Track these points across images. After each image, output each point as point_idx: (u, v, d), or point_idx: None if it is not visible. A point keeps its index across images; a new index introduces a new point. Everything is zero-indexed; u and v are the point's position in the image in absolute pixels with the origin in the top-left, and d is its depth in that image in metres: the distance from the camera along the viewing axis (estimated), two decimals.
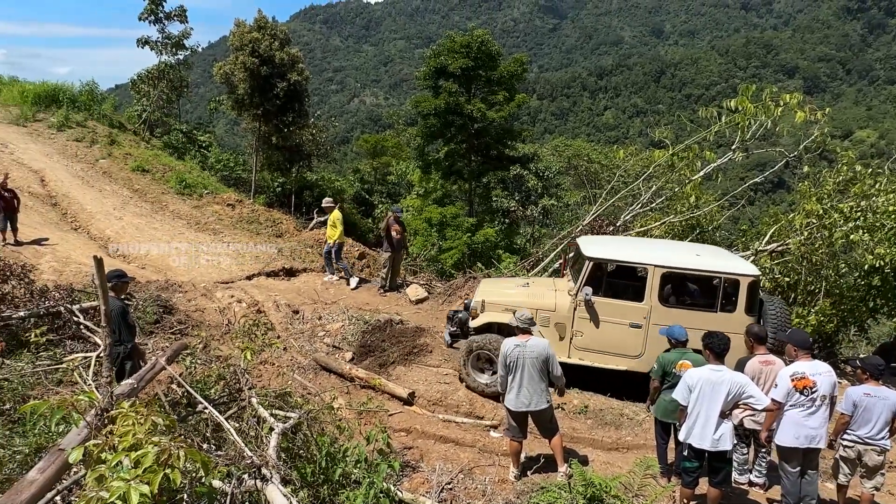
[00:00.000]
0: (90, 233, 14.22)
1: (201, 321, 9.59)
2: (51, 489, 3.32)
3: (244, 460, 3.72)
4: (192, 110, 33.09)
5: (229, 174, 23.50)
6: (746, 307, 7.15)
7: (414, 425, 7.15)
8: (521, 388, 5.61)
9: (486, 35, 22.73)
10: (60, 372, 6.91)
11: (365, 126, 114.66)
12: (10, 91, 22.16)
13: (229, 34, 21.73)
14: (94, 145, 19.39)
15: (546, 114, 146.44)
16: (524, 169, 24.66)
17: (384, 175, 32.37)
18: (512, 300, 8.05)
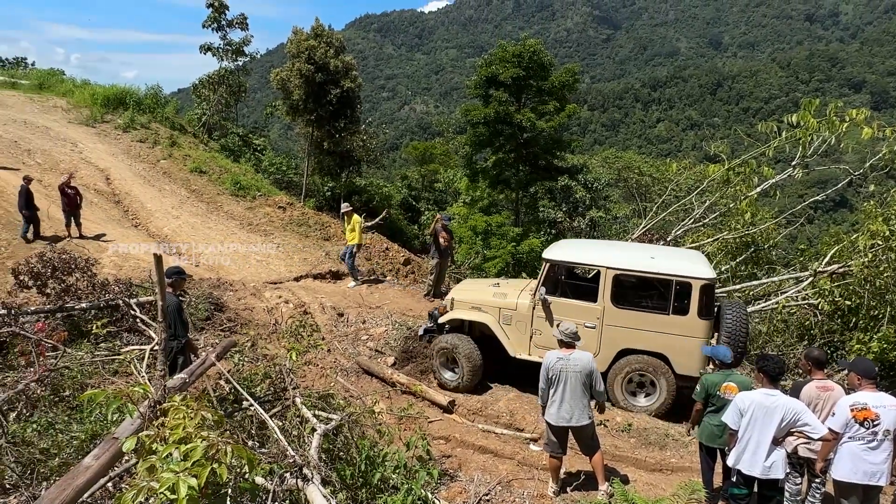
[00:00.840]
0: (149, 230, 14.80)
1: (250, 320, 9.84)
2: (104, 475, 3.46)
3: (286, 459, 3.79)
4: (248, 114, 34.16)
5: (281, 177, 24.09)
6: (699, 311, 7.09)
7: (453, 434, 7.13)
8: (563, 403, 5.52)
9: (539, 45, 22.62)
10: (116, 363, 7.21)
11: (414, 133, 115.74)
12: (81, 93, 23.34)
13: (287, 41, 22.35)
14: (156, 146, 20.20)
15: (596, 125, 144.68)
16: (572, 180, 24.38)
17: (431, 182, 32.57)
18: (477, 298, 8.43)
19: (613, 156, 33.15)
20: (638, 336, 7.43)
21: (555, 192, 24.73)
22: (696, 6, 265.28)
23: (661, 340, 7.33)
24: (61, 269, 8.06)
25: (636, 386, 7.71)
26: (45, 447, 4.58)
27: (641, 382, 7.66)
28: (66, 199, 12.57)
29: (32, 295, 8.40)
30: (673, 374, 7.35)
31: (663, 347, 7.32)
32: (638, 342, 7.45)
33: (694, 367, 7.14)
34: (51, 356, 6.47)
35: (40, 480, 4.24)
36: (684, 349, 7.01)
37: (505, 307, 8.16)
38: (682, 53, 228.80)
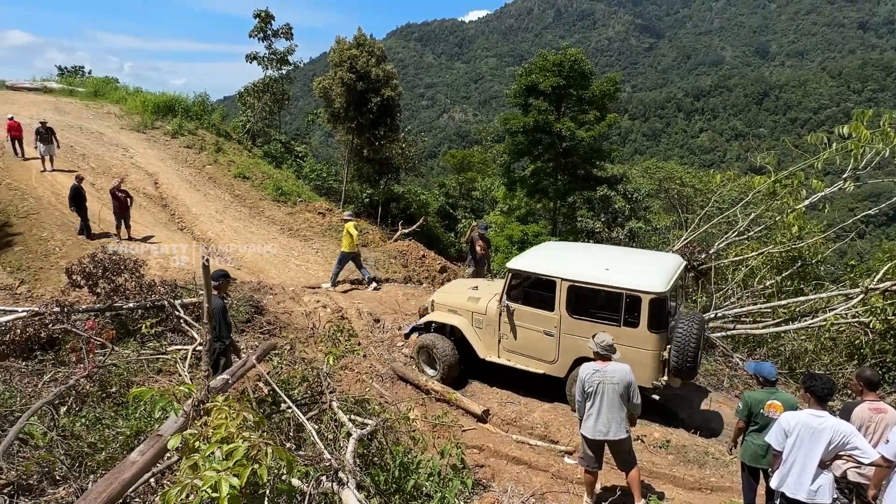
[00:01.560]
0: (194, 233, 15.23)
1: (288, 323, 10.00)
2: (148, 471, 3.56)
3: (323, 462, 3.83)
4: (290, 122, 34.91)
5: (321, 184, 24.50)
6: (648, 323, 7.06)
7: (487, 443, 7.09)
8: (600, 416, 5.43)
9: (580, 54, 22.51)
10: (160, 361, 7.43)
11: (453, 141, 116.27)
12: (133, 101, 24.24)
13: (329, 50, 22.80)
14: (203, 152, 20.80)
15: (637, 134, 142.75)
16: (612, 190, 24.11)
17: (469, 190, 32.65)
18: (454, 302, 8.83)
19: (654, 166, 32.64)
20: None
21: (593, 202, 24.50)
22: (743, 14, 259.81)
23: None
24: (111, 270, 8.36)
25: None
26: (92, 441, 4.74)
27: None
28: (116, 203, 13.08)
29: (84, 294, 8.73)
30: None
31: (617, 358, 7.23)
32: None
33: (647, 379, 7.13)
34: (99, 353, 6.70)
35: (87, 473, 4.39)
36: (636, 360, 6.89)
37: (476, 311, 8.48)
38: (726, 62, 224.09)
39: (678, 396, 8.31)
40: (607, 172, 23.97)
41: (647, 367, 7.11)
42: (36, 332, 7.25)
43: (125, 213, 13.27)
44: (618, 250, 9.93)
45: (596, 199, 24.24)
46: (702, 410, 8.28)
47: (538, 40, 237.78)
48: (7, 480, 4.17)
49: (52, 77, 30.43)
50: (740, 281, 11.81)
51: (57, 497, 4.19)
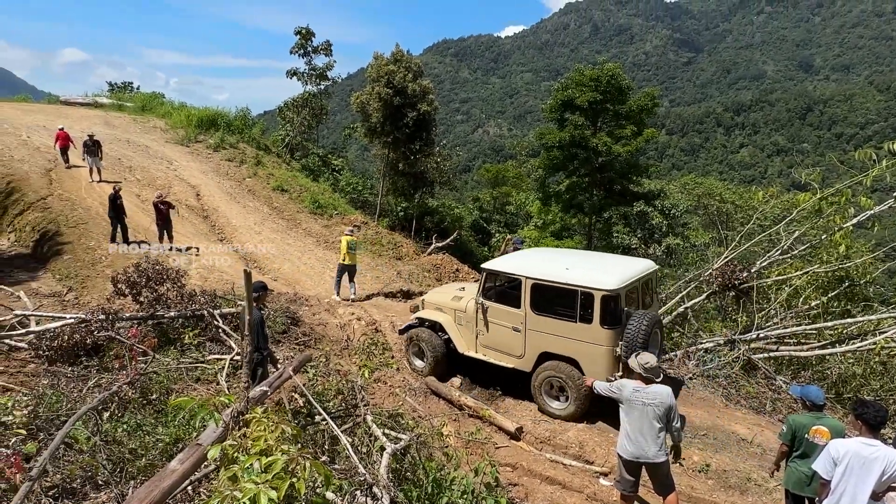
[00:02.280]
0: (232, 244, 15.55)
1: (323, 335, 10.10)
2: (187, 479, 3.62)
3: (357, 476, 3.83)
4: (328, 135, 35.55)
5: (357, 197, 24.79)
6: (601, 319, 7.47)
7: (520, 462, 6.99)
8: (638, 436, 5.31)
9: (617, 68, 22.37)
10: (199, 370, 7.57)
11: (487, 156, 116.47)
12: (178, 115, 25.02)
13: (367, 66, 23.15)
14: (243, 165, 21.30)
15: (675, 149, 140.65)
16: (649, 205, 23.75)
17: (503, 205, 32.60)
18: (440, 300, 9.48)
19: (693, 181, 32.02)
20: (554, 341, 7.95)
21: (630, 218, 24.16)
22: (785, 28, 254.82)
23: (572, 346, 7.81)
24: (154, 280, 8.59)
25: (557, 391, 8.11)
26: (133, 447, 4.84)
27: (562, 387, 8.03)
28: (158, 214, 13.47)
29: (128, 302, 8.99)
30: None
31: (574, 353, 7.80)
32: (555, 347, 7.96)
33: (601, 374, 7.45)
34: (141, 361, 6.87)
35: (128, 479, 4.47)
36: (591, 355, 7.55)
37: (458, 309, 9.08)
38: (768, 77, 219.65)
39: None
40: (644, 188, 23.64)
41: (600, 361, 7.56)
42: (82, 339, 7.47)
43: (167, 224, 13.65)
44: (591, 255, 10.21)
45: (632, 214, 23.90)
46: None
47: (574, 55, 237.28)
48: (52, 483, 4.29)
49: (102, 92, 31.69)
50: (783, 301, 11.45)
51: (98, 502, 4.28)
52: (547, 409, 8.14)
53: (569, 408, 7.96)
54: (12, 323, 8.16)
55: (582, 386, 7.67)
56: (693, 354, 10.83)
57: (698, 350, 10.91)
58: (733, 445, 7.71)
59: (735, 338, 10.69)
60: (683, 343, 11.23)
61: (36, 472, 3.47)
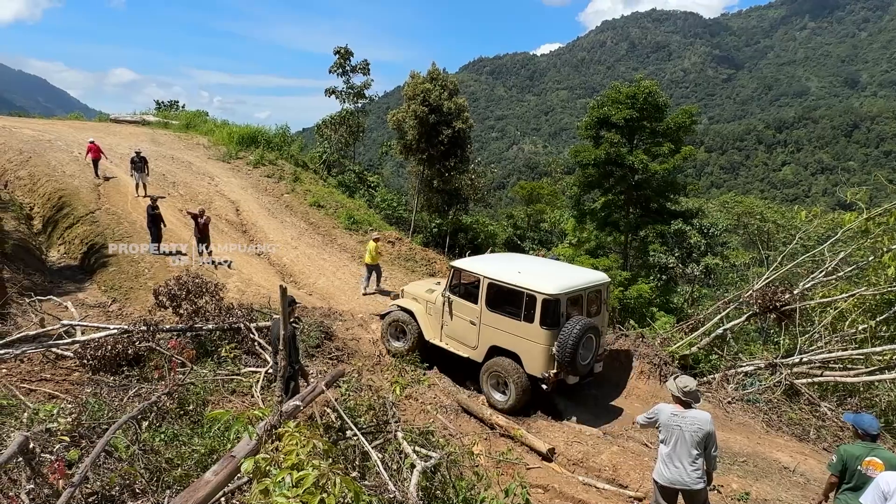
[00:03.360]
0: (270, 259, 15.85)
1: (356, 350, 10.18)
2: (220, 491, 3.67)
3: (387, 493, 3.83)
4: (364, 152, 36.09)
5: (392, 213, 25.04)
6: (541, 320, 8.31)
7: (552, 483, 6.88)
8: (674, 462, 5.17)
9: (654, 86, 22.16)
10: (235, 382, 7.71)
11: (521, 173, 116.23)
12: (220, 132, 25.77)
13: (404, 84, 23.52)
14: (281, 181, 21.76)
15: (714, 167, 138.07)
16: (687, 224, 23.35)
17: (537, 222, 32.46)
18: (416, 292, 10.46)
19: (733, 200, 31.40)
20: (502, 336, 8.79)
21: (667, 237, 23.77)
22: (830, 44, 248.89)
23: (516, 342, 8.65)
24: (194, 293, 8.81)
25: (502, 384, 8.81)
26: (170, 457, 4.94)
27: (505, 381, 8.74)
28: (197, 228, 13.84)
29: (168, 314, 9.22)
30: (525, 376, 8.54)
31: (517, 348, 8.63)
32: (502, 341, 8.80)
33: (537, 369, 8.42)
34: (180, 372, 7.03)
35: (164, 488, 4.56)
36: (531, 352, 8.45)
37: (429, 301, 10.00)
38: (812, 93, 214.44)
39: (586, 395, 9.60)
40: (682, 206, 23.25)
41: (537, 358, 8.40)
42: (124, 349, 7.69)
43: (206, 238, 14.02)
44: (549, 263, 10.91)
45: (670, 233, 23.51)
46: (594, 407, 9.38)
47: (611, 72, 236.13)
48: (92, 490, 4.41)
49: (150, 111, 32.90)
50: (828, 324, 11.04)
51: None
52: (491, 400, 8.90)
53: (510, 400, 8.68)
54: (59, 332, 8.45)
55: (522, 381, 8.53)
56: (732, 378, 10.54)
57: (737, 373, 10.61)
58: (775, 474, 7.45)
59: (777, 361, 10.37)
60: (722, 366, 10.93)
61: (78, 479, 3.58)
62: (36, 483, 3.75)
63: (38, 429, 4.60)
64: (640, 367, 10.18)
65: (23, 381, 6.88)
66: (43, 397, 6.54)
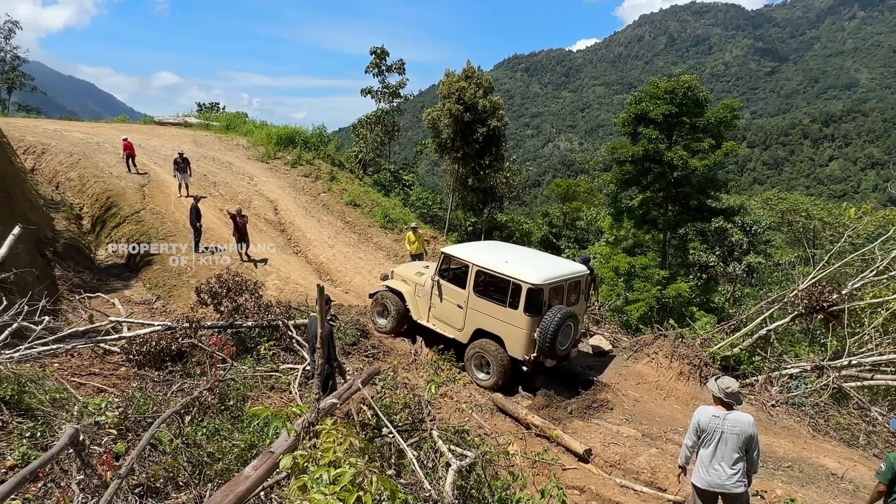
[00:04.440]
0: (307, 257, 16.09)
1: (391, 348, 10.24)
2: (260, 485, 3.74)
3: (422, 492, 3.84)
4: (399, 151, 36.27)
5: (427, 211, 25.11)
6: (525, 307, 8.79)
7: (588, 485, 6.81)
8: (714, 464, 5.04)
9: (694, 80, 21.65)
10: (273, 378, 7.85)
11: (557, 170, 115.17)
12: (259, 133, 26.26)
13: (438, 83, 23.54)
14: (318, 180, 22.05)
15: (757, 163, 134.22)
16: (728, 222, 22.75)
17: (573, 220, 32.12)
18: (406, 274, 11.01)
19: (776, 197, 30.48)
20: (487, 320, 9.29)
21: (707, 235, 23.21)
22: (881, 33, 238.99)
23: (500, 326, 9.14)
24: (234, 290, 9.00)
25: (485, 365, 9.31)
26: (211, 451, 5.06)
27: (487, 362, 9.25)
28: (235, 227, 14.15)
29: (209, 311, 9.45)
30: (507, 357, 9.04)
31: (501, 332, 9.12)
32: (487, 325, 9.30)
33: (519, 352, 8.91)
34: (220, 368, 7.19)
35: (205, 482, 4.67)
36: (513, 336, 8.95)
37: (418, 283, 10.53)
38: (861, 85, 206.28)
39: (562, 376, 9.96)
40: (723, 203, 22.69)
41: (520, 342, 8.88)
42: (168, 345, 7.91)
43: (244, 236, 14.31)
44: (533, 253, 11.37)
45: (710, 231, 22.95)
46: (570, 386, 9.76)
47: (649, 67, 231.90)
48: (138, 482, 4.55)
49: (192, 113, 33.75)
50: (879, 325, 10.61)
51: (179, 502, 4.50)
52: (475, 378, 9.43)
53: (491, 378, 9.20)
54: (107, 328, 8.75)
55: (504, 362, 9.05)
56: (776, 380, 10.23)
57: (782, 375, 10.30)
58: (821, 480, 7.20)
59: (824, 364, 10.02)
60: (765, 368, 10.62)
61: (124, 471, 3.69)
62: (86, 474, 3.88)
63: (87, 422, 4.75)
64: (679, 368, 9.97)
65: (73, 375, 7.14)
66: (92, 391, 6.77)
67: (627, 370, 10.28)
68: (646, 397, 9.57)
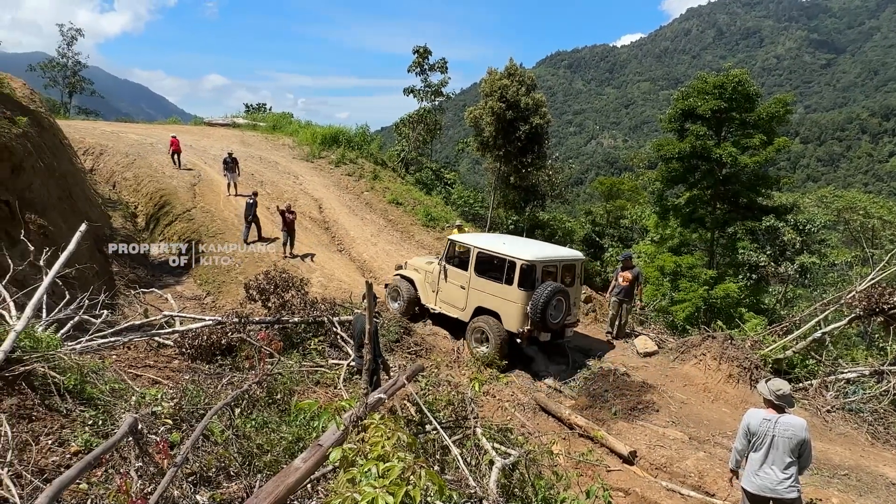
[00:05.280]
0: (350, 255, 16.32)
1: (434, 345, 10.31)
2: (308, 477, 3.83)
3: (467, 489, 3.85)
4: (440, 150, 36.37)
5: (468, 210, 25.10)
6: (519, 283, 9.70)
7: (633, 487, 6.70)
8: (766, 468, 4.89)
9: (744, 74, 21.00)
10: (319, 373, 8.00)
11: (600, 168, 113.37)
12: (304, 133, 26.76)
13: (480, 81, 23.50)
14: (361, 179, 22.33)
15: (811, 159, 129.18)
16: (780, 220, 21.92)
17: (617, 218, 31.54)
18: (418, 264, 12.08)
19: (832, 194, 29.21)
20: (486, 298, 10.23)
21: (758, 234, 22.44)
22: None
23: (497, 303, 10.04)
24: (281, 287, 9.21)
25: (484, 339, 10.12)
26: (260, 443, 5.19)
27: (486, 337, 10.08)
28: (284, 223, 14.47)
29: (257, 307, 9.69)
30: (504, 331, 9.86)
31: (498, 308, 10.01)
32: (487, 302, 10.22)
33: (514, 325, 9.77)
34: (268, 362, 7.37)
35: (255, 473, 4.80)
36: (509, 310, 9.83)
37: (427, 271, 11.52)
38: None
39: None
40: (774, 201, 21.91)
41: (515, 315, 9.74)
42: (218, 339, 8.15)
43: (291, 233, 14.63)
44: (529, 241, 12.64)
45: (761, 230, 22.17)
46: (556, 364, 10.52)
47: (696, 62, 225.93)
48: (191, 470, 4.71)
49: (239, 114, 34.65)
50: None
51: (230, 491, 4.64)
52: (474, 352, 10.22)
53: (490, 351, 9.95)
54: (161, 322, 9.08)
55: (501, 336, 9.85)
56: (831, 385, 9.85)
57: (838, 380, 9.91)
58: (881, 490, 6.90)
59: (884, 368, 9.61)
60: (820, 372, 10.24)
61: (179, 459, 3.82)
62: (143, 461, 4.04)
63: (144, 411, 4.94)
64: (728, 371, 9.71)
65: (129, 367, 7.43)
66: (147, 382, 7.03)
67: (674, 371, 10.08)
68: (693, 399, 9.36)
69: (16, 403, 4.36)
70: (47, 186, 11.19)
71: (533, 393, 9.06)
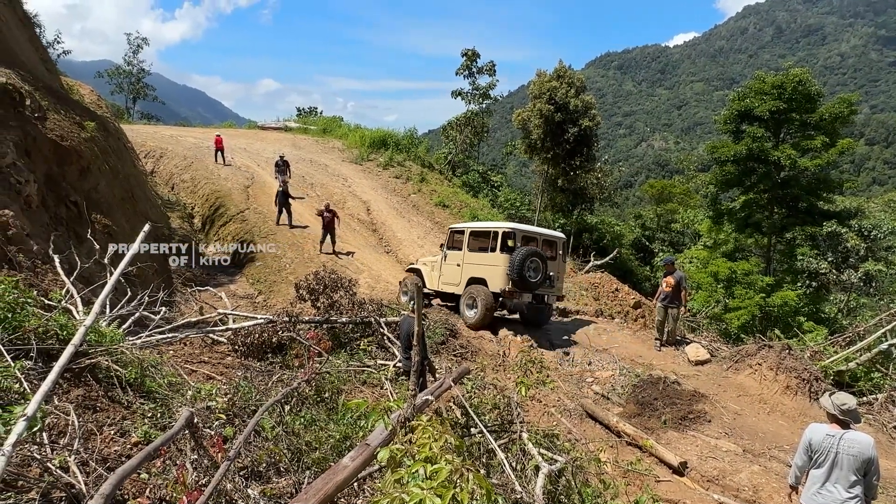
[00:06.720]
0: (397, 256, 16.48)
1: (479, 348, 10.29)
2: (356, 476, 3.88)
3: (513, 494, 3.83)
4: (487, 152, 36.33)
5: (515, 213, 25.00)
6: (500, 248, 11.27)
7: (683, 499, 6.51)
8: (829, 486, 4.66)
9: (805, 73, 20.19)
10: (366, 374, 8.10)
11: (651, 171, 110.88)
12: (353, 136, 27.20)
13: (528, 83, 23.40)
14: (408, 182, 22.53)
15: (877, 161, 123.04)
16: (843, 225, 20.95)
17: (668, 222, 30.81)
18: (424, 259, 13.65)
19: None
20: (476, 269, 11.67)
21: (818, 240, 21.51)
22: None
23: (484, 270, 11.49)
24: (330, 287, 9.37)
25: (474, 304, 11.40)
26: (308, 440, 5.30)
27: (476, 303, 11.38)
28: (324, 221, 14.79)
29: (307, 307, 9.89)
30: (490, 294, 11.14)
31: (484, 274, 11.44)
32: (476, 272, 11.64)
33: (497, 286, 11.07)
34: (317, 361, 7.50)
35: (303, 469, 4.90)
36: (493, 273, 11.24)
37: (433, 262, 13.03)
38: None
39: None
40: (837, 206, 20.98)
41: (497, 277, 11.08)
42: (269, 337, 8.34)
43: (331, 231, 14.93)
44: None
45: (822, 235, 21.25)
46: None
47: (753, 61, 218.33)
48: (243, 465, 4.84)
49: (291, 117, 35.53)
50: None
51: (279, 486, 4.75)
52: (464, 317, 11.55)
53: (478, 315, 11.24)
54: (215, 320, 9.37)
55: (488, 299, 11.13)
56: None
57: None
58: None
59: None
60: (887, 385, 9.72)
61: (233, 453, 3.93)
62: (199, 454, 4.18)
63: (199, 406, 5.11)
64: (786, 382, 9.32)
65: (185, 363, 7.69)
66: (202, 378, 7.26)
67: (727, 381, 9.75)
68: (747, 410, 9.03)
69: (82, 394, 4.57)
70: (112, 188, 11.72)
71: (580, 399, 8.93)
